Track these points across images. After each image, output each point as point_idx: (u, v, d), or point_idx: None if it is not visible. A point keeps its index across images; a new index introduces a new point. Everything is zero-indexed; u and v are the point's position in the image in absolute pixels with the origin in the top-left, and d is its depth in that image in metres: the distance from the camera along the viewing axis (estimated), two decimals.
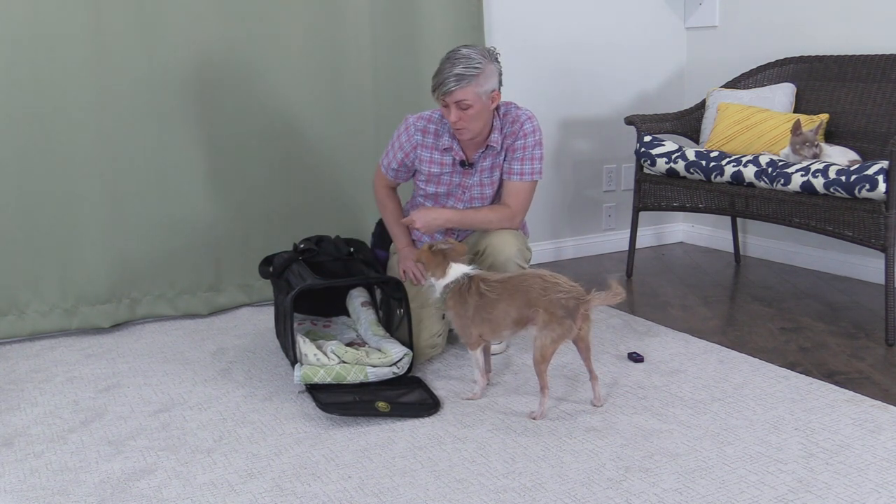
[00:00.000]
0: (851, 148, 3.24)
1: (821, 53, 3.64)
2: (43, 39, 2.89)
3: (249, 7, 3.19)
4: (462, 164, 2.67)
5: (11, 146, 2.91)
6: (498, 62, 2.55)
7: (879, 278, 3.54)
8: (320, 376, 2.37)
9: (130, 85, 3.05)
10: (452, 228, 2.72)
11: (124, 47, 3.01)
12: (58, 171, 2.98)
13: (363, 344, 2.66)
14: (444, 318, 2.71)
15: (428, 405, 2.34)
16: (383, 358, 2.45)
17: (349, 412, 2.26)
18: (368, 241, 3.22)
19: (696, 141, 3.73)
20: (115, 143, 3.06)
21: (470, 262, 2.53)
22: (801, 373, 2.57)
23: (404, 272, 2.68)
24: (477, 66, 2.46)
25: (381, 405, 2.30)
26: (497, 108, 2.65)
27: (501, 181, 2.71)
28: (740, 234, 4.14)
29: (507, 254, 2.60)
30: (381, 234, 2.95)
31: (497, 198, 2.74)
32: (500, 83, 2.56)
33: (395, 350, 2.48)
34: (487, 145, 2.63)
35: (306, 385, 2.41)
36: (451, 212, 2.65)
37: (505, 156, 2.66)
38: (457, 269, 2.37)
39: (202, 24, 3.12)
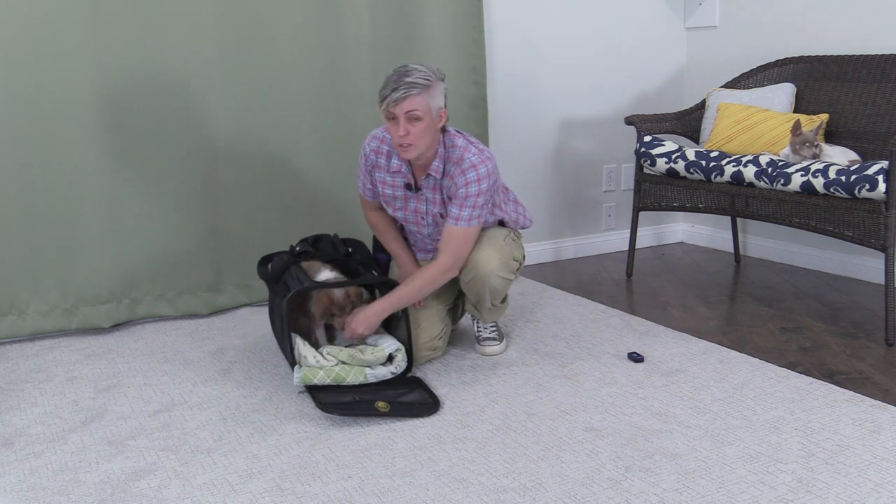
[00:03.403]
0: (851, 148, 3.24)
1: (821, 53, 3.64)
2: (43, 40, 2.89)
3: (248, 7, 3.19)
4: (409, 187, 2.62)
5: (12, 147, 2.91)
6: (443, 82, 2.46)
7: (879, 278, 3.54)
8: (320, 378, 2.37)
9: (130, 84, 3.05)
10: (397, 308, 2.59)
11: (124, 47, 3.01)
12: (58, 171, 2.98)
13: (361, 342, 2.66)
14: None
15: (428, 405, 2.34)
16: (377, 352, 2.45)
17: (349, 412, 2.26)
18: (368, 241, 3.22)
19: (696, 141, 3.73)
20: (116, 144, 3.06)
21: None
22: (801, 373, 2.57)
23: None
24: (428, 78, 2.40)
25: (381, 405, 2.30)
26: (445, 136, 2.55)
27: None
28: (740, 234, 4.14)
29: (489, 268, 2.57)
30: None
31: None
32: (446, 105, 2.48)
33: (388, 344, 2.49)
34: (428, 172, 2.56)
35: (306, 385, 2.41)
36: (384, 301, 2.52)
37: (448, 195, 2.58)
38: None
39: (201, 24, 3.12)
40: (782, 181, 2.97)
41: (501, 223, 2.77)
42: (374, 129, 2.67)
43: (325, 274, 2.59)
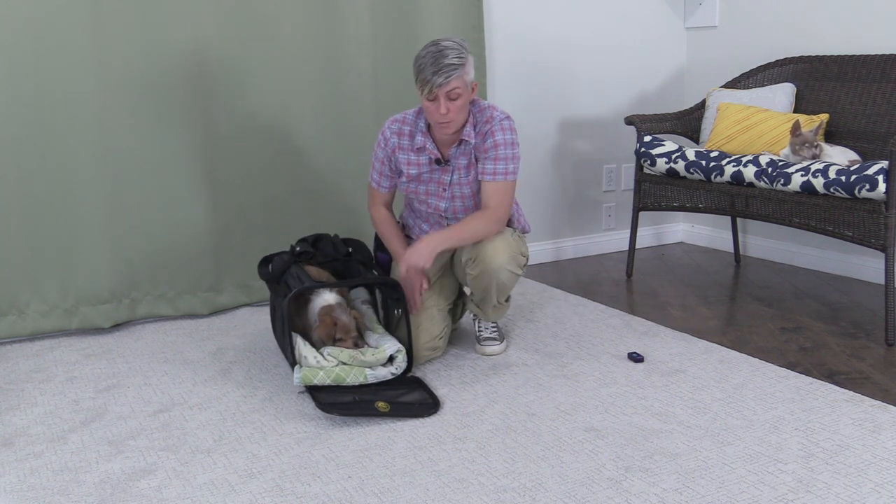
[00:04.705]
0: (851, 148, 3.24)
1: (821, 53, 3.64)
2: (43, 40, 2.89)
3: (249, 7, 3.19)
4: (437, 161, 2.66)
5: (12, 147, 2.91)
6: (471, 54, 2.57)
7: (879, 278, 3.54)
8: (320, 378, 2.37)
9: (130, 85, 3.05)
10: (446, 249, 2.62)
11: (124, 48, 3.02)
12: (58, 171, 2.98)
13: (363, 344, 2.66)
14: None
15: (428, 405, 2.34)
16: (377, 353, 2.45)
17: (349, 412, 2.26)
18: (368, 240, 3.21)
19: (696, 141, 3.73)
20: (116, 144, 3.06)
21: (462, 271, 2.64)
22: (801, 373, 2.57)
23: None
24: (461, 55, 2.49)
25: (381, 405, 2.30)
26: (472, 102, 2.65)
27: (479, 182, 2.69)
28: (740, 234, 4.14)
29: (499, 262, 2.58)
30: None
31: (477, 198, 2.72)
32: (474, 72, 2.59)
33: (389, 345, 2.48)
34: (461, 140, 2.62)
35: (306, 386, 2.40)
36: (438, 236, 2.54)
37: (477, 156, 2.64)
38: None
39: (201, 24, 3.12)
40: (782, 181, 2.97)
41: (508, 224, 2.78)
42: (393, 115, 2.71)
43: (328, 297, 2.58)
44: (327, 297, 2.56)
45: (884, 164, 2.77)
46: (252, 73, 3.23)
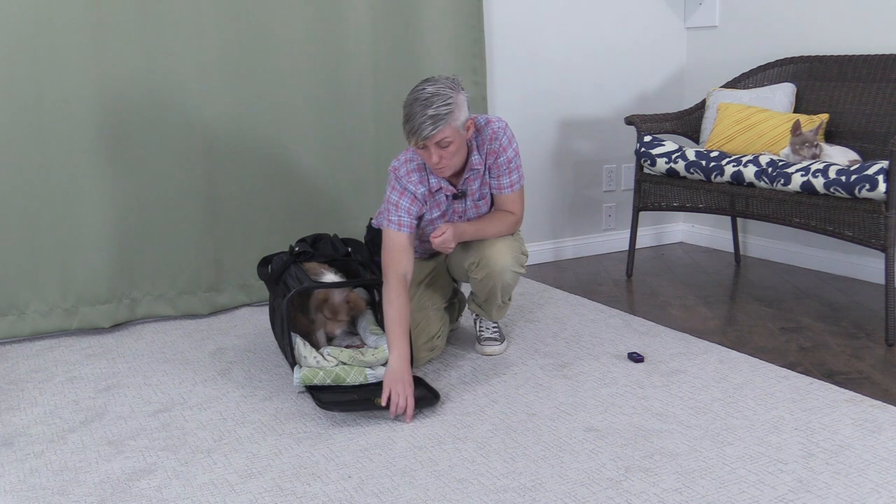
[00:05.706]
0: (851, 148, 3.24)
1: (821, 53, 3.64)
2: (44, 41, 2.89)
3: (249, 8, 3.19)
4: (455, 196, 2.61)
5: (11, 146, 2.91)
6: (464, 90, 2.44)
7: (879, 278, 3.54)
8: (319, 378, 2.37)
9: (131, 85, 3.05)
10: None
11: (125, 47, 3.02)
12: (58, 170, 2.98)
13: (362, 344, 2.66)
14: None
15: (428, 399, 2.35)
16: (377, 353, 2.45)
17: (349, 409, 2.26)
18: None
19: (696, 141, 3.73)
20: (116, 144, 3.06)
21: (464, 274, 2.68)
22: (801, 373, 2.57)
23: (389, 397, 2.30)
24: (449, 102, 2.35)
25: (379, 400, 2.30)
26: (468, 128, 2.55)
27: (491, 195, 2.67)
28: (740, 234, 4.14)
29: (503, 264, 2.58)
30: (374, 240, 2.92)
31: (489, 211, 2.70)
32: (469, 109, 2.45)
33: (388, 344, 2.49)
34: (471, 168, 2.56)
35: (306, 385, 2.41)
36: (467, 225, 2.56)
37: (489, 172, 2.61)
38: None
39: (201, 25, 3.12)
40: (782, 181, 2.97)
41: None
42: (394, 164, 2.57)
43: (329, 276, 2.60)
44: (329, 276, 2.60)
45: (884, 164, 2.77)
46: (252, 74, 3.23)
